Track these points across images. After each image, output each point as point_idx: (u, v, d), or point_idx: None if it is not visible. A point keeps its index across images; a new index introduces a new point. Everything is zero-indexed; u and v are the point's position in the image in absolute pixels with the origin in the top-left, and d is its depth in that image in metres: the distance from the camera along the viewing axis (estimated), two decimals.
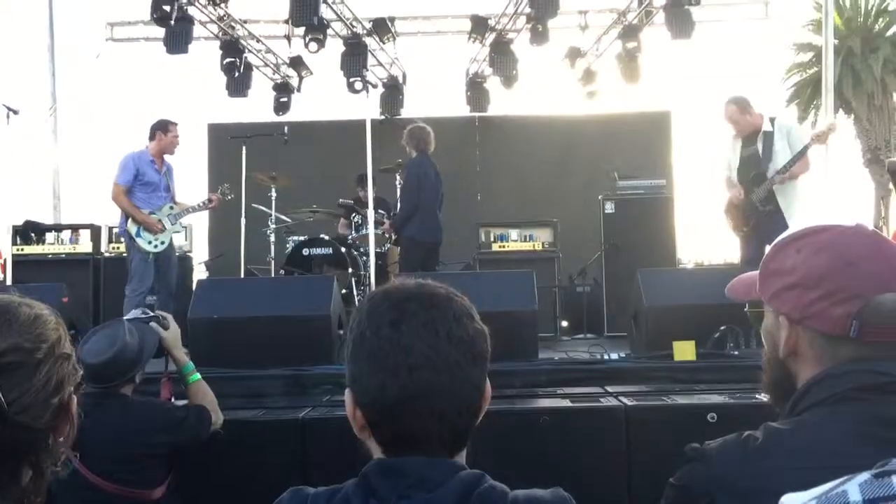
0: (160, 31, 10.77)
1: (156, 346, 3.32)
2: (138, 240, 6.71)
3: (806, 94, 22.46)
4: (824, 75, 7.77)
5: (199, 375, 3.43)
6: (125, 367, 3.10)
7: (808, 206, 6.60)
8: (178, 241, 8.31)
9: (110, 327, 3.21)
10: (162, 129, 6.94)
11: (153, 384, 3.51)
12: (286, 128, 9.38)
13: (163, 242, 6.82)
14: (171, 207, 6.95)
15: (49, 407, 1.15)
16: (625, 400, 3.84)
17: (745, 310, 1.36)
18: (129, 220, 6.74)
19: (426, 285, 1.28)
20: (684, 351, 4.64)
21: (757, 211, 6.41)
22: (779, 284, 1.41)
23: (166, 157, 7.06)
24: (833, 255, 1.35)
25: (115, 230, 8.04)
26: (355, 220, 8.44)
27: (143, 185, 6.83)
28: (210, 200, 7.34)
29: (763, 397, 1.58)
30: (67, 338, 1.24)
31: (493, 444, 3.07)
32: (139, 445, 3.06)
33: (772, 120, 6.53)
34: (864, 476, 0.90)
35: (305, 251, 8.28)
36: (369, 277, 7.39)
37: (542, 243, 8.17)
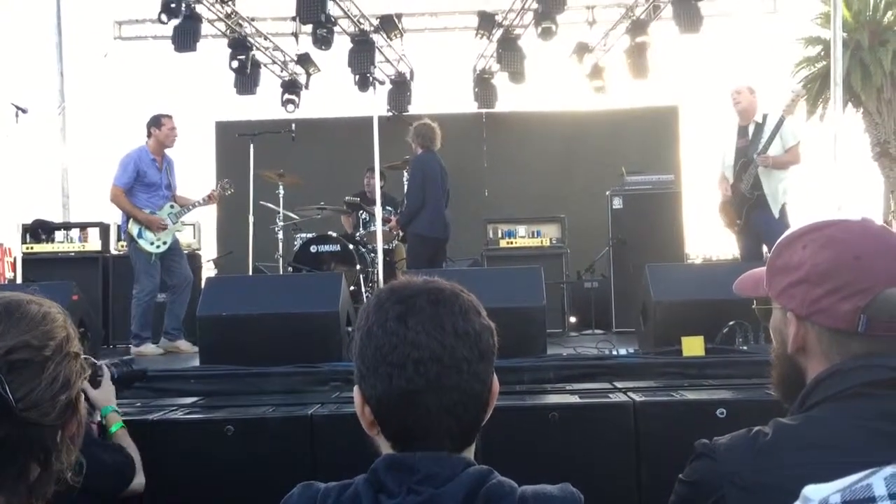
0: (168, 30, 10.80)
1: None
2: (140, 241, 6.66)
3: (815, 88, 22.34)
4: (833, 69, 7.71)
5: (121, 423, 2.99)
6: None
7: (793, 193, 6.68)
8: (187, 238, 8.33)
9: None
10: (155, 124, 6.87)
11: None
12: (293, 125, 9.41)
13: (165, 242, 6.77)
14: (172, 206, 6.91)
15: (57, 404, 1.16)
16: (633, 395, 3.83)
17: (753, 306, 1.36)
18: (130, 221, 6.68)
19: (432, 281, 1.29)
20: (693, 346, 4.63)
21: (746, 199, 6.49)
22: (786, 280, 1.40)
23: (167, 151, 6.99)
24: (839, 249, 1.34)
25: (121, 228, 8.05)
26: (362, 216, 8.45)
27: (144, 185, 6.76)
28: (210, 197, 7.28)
29: (772, 393, 1.58)
30: (76, 336, 1.25)
31: (501, 440, 3.07)
32: None
33: (764, 115, 6.69)
34: (890, 470, 0.89)
35: (313, 248, 8.29)
36: (377, 274, 7.40)
37: (550, 239, 8.15)
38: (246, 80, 12.11)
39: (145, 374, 3.17)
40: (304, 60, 12.51)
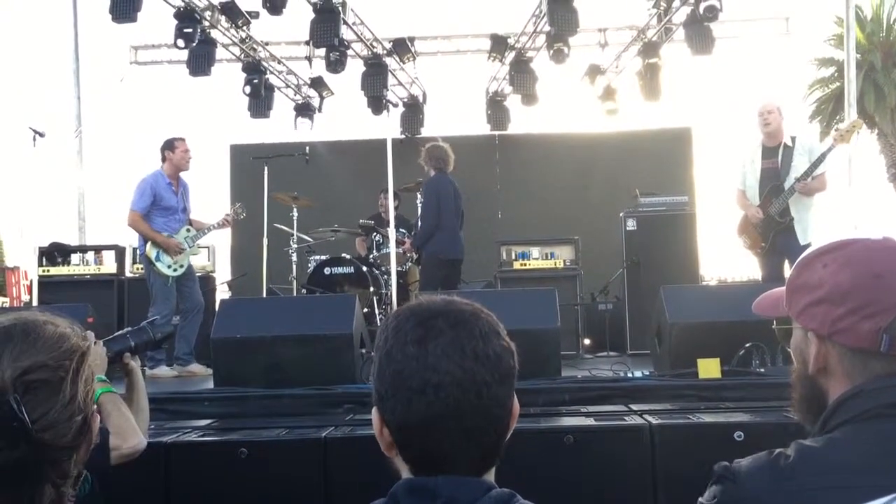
0: (183, 54, 10.90)
1: None
2: (157, 264, 6.72)
3: (828, 110, 22.30)
4: (846, 90, 7.72)
5: (105, 389, 2.62)
6: None
7: (821, 220, 6.58)
8: (201, 261, 8.36)
9: None
10: (168, 147, 6.94)
11: None
12: (307, 148, 9.45)
13: (181, 266, 6.84)
14: (188, 230, 6.98)
15: (73, 425, 1.15)
16: (650, 418, 3.80)
17: (773, 326, 1.34)
18: (148, 245, 6.74)
19: (452, 302, 1.27)
20: (709, 368, 4.59)
21: (775, 224, 6.39)
22: (806, 300, 1.38)
23: (182, 174, 7.05)
24: (860, 268, 1.32)
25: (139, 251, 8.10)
26: (376, 239, 8.46)
27: (161, 209, 6.83)
28: (224, 221, 7.36)
29: (791, 415, 1.55)
30: (90, 356, 1.25)
31: (517, 464, 3.04)
32: None
33: (793, 138, 6.54)
34: None
35: (327, 270, 8.30)
36: (391, 296, 7.40)
37: (564, 261, 8.12)
38: (260, 103, 12.22)
39: (168, 337, 3.01)
40: (317, 84, 12.60)
